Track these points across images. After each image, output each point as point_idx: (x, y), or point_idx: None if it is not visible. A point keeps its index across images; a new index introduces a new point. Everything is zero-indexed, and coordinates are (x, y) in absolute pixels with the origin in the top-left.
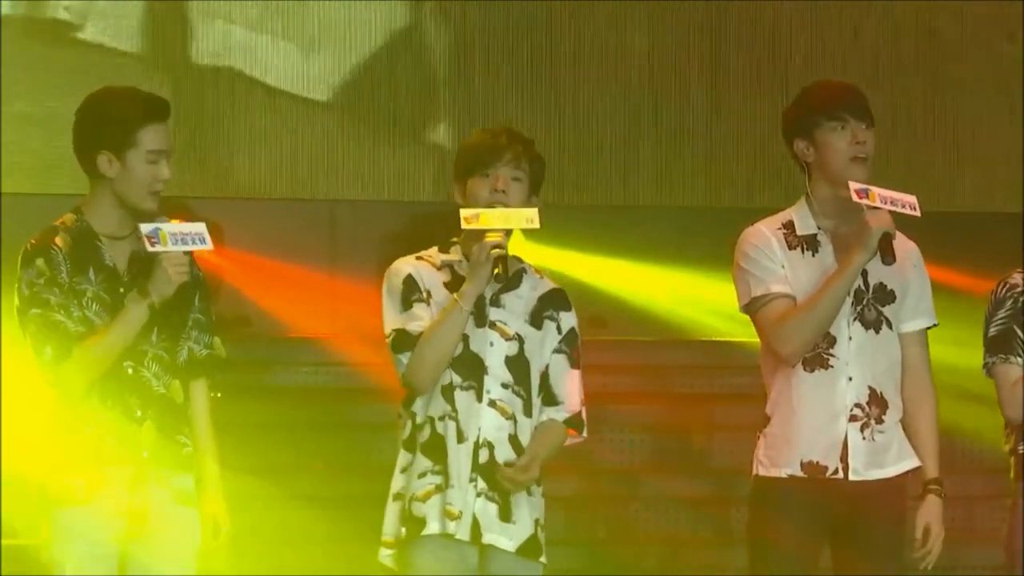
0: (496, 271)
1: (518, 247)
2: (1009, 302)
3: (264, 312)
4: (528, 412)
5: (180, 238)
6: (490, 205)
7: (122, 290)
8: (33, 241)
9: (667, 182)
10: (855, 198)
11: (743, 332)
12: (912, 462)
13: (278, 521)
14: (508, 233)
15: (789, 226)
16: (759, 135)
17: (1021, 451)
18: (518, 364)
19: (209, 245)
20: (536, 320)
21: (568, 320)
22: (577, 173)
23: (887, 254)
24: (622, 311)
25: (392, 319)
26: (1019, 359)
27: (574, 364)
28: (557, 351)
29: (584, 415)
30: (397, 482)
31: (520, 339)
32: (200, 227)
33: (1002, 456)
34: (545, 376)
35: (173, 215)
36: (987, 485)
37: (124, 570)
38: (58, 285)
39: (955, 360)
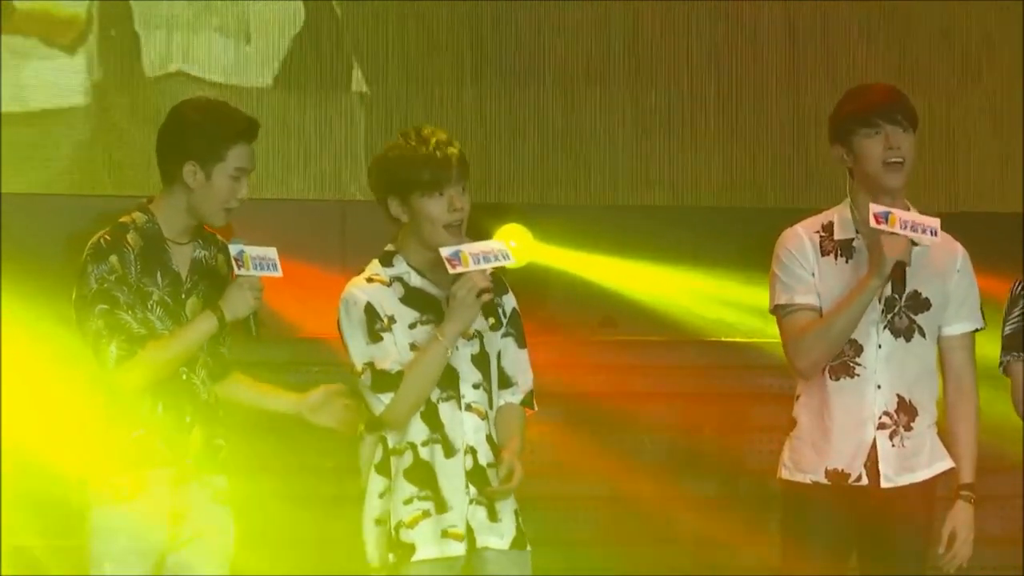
0: (492, 320)
1: (532, 248)
2: (1022, 300)
3: (275, 312)
4: (492, 405)
5: (259, 263)
6: (448, 225)
7: (183, 296)
8: (107, 236)
9: (681, 182)
10: (873, 223)
11: (757, 332)
12: (945, 464)
13: (288, 522)
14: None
15: (828, 228)
16: (776, 135)
17: None
18: (482, 361)
19: (279, 272)
20: (488, 311)
21: (509, 302)
22: (588, 174)
23: (899, 283)
24: (634, 311)
25: (361, 352)
26: None
27: (522, 344)
28: (505, 335)
29: (533, 395)
30: (375, 507)
31: (480, 335)
32: (272, 253)
33: (1012, 456)
34: (497, 360)
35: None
36: (997, 485)
37: (164, 570)
38: (127, 284)
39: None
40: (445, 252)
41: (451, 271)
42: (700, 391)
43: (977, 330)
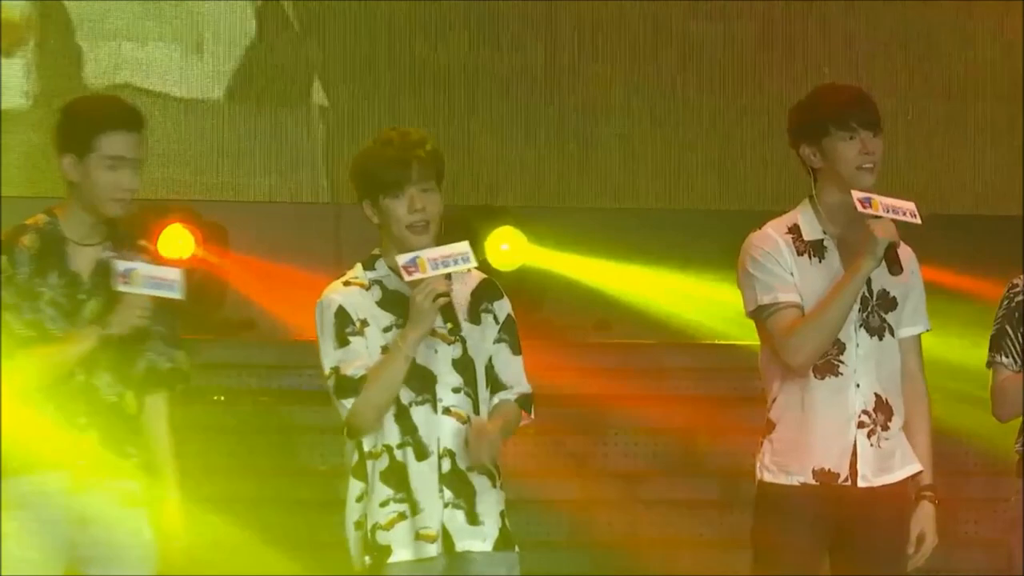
0: (450, 325)
1: (525, 250)
2: (1006, 302)
3: (269, 315)
4: (477, 410)
5: (153, 282)
6: (411, 226)
7: (83, 296)
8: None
9: (674, 185)
10: (859, 208)
11: (748, 335)
12: (916, 466)
13: (280, 524)
14: (449, 276)
15: (795, 230)
16: (768, 137)
17: (1019, 448)
18: (464, 365)
19: (178, 294)
20: (474, 316)
21: (503, 308)
22: (583, 176)
23: (894, 264)
24: (627, 314)
25: (329, 356)
26: (1006, 358)
27: (516, 351)
28: (498, 340)
29: (532, 397)
30: (354, 511)
31: (462, 339)
32: (176, 274)
33: (1005, 459)
34: (490, 367)
35: (174, 220)
36: (990, 488)
37: (78, 571)
38: (15, 285)
39: (957, 362)
40: (402, 260)
41: (406, 278)
42: (695, 394)
43: (925, 331)
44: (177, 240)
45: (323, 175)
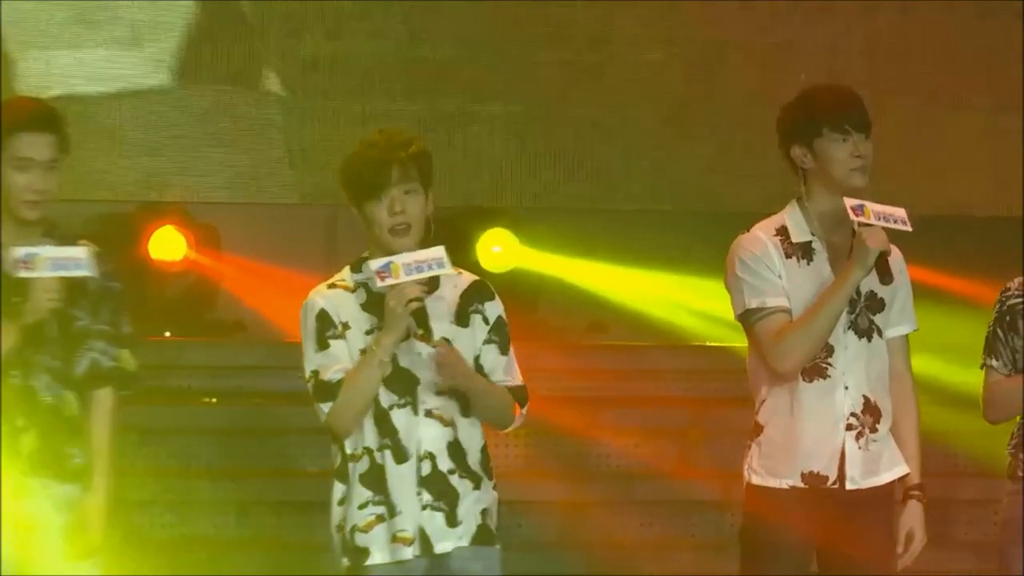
0: (420, 332)
1: (517, 252)
2: (998, 305)
3: (260, 317)
4: (466, 412)
5: (58, 263)
6: (392, 229)
7: (17, 299)
8: None
9: (668, 187)
10: (851, 216)
11: (742, 338)
12: (903, 468)
13: (271, 526)
14: (428, 281)
15: (783, 232)
16: (764, 141)
17: (1011, 450)
18: None
19: (88, 271)
20: (462, 319)
21: (493, 309)
22: (576, 178)
23: (885, 274)
24: (621, 316)
25: (310, 360)
26: (997, 361)
27: (504, 351)
28: (487, 341)
29: (524, 391)
30: (336, 514)
31: (447, 342)
32: (83, 252)
33: (996, 461)
34: (479, 367)
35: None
36: (982, 490)
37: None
38: None
39: (950, 364)
40: (375, 265)
41: (379, 284)
42: (689, 395)
43: (912, 331)
44: (169, 242)
45: (319, 176)
